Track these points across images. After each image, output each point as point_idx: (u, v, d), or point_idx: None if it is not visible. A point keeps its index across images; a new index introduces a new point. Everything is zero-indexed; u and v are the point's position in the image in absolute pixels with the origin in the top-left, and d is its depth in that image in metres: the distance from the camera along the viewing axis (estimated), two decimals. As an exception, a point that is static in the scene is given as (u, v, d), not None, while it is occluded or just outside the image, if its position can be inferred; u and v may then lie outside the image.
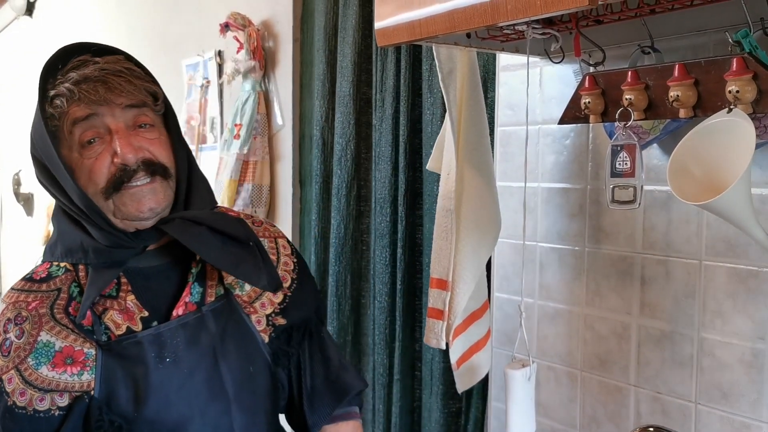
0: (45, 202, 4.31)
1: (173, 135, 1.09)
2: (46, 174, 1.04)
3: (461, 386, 1.44)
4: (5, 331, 1.02)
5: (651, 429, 1.15)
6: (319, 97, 2.16)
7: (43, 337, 1.00)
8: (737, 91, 0.91)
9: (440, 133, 1.48)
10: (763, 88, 0.91)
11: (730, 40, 0.95)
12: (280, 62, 2.33)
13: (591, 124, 1.35)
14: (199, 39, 2.77)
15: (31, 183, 4.55)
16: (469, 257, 1.35)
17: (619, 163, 1.07)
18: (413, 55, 1.83)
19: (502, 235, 1.47)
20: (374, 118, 1.98)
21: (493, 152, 1.54)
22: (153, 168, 1.02)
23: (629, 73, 1.06)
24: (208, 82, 2.68)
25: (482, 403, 1.71)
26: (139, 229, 1.04)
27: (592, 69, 1.18)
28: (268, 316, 1.12)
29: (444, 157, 1.40)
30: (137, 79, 1.03)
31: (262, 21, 2.38)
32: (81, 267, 1.05)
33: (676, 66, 1.00)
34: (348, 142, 2.04)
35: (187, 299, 1.07)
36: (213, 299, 1.09)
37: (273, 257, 1.17)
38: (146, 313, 1.04)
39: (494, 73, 1.58)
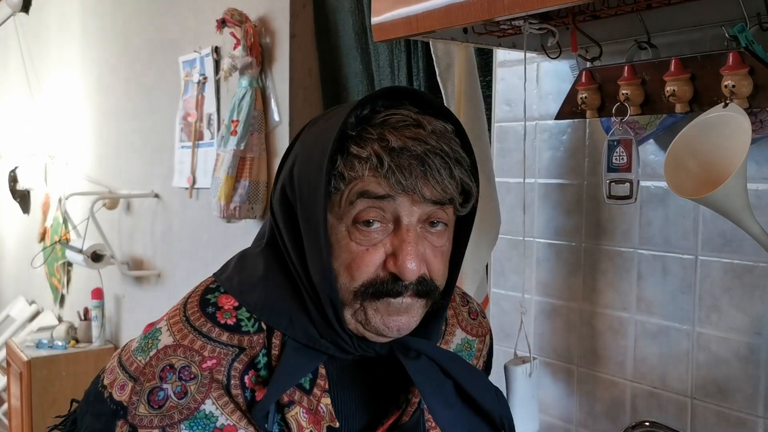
0: (41, 199, 4.31)
1: (461, 245, 0.86)
2: (289, 220, 0.82)
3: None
4: (162, 379, 0.78)
5: (647, 423, 1.16)
6: (359, 95, 2.16)
7: (208, 406, 0.78)
8: (733, 86, 0.91)
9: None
10: (759, 83, 0.91)
11: (726, 35, 0.95)
12: (277, 59, 2.33)
13: (588, 120, 1.35)
14: (195, 35, 2.77)
15: (28, 180, 4.55)
16: (470, 255, 1.35)
17: (616, 158, 1.08)
18: (428, 52, 1.85)
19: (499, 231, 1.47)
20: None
21: (490, 147, 1.54)
22: (425, 288, 0.79)
23: (626, 68, 1.06)
24: (205, 78, 2.68)
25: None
26: (366, 338, 0.82)
27: (588, 64, 1.19)
28: None
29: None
30: (459, 166, 0.78)
31: (258, 17, 2.38)
32: (276, 333, 0.81)
33: (673, 61, 1.00)
34: None
35: (388, 424, 0.86)
36: (408, 419, 0.86)
37: (475, 361, 0.99)
38: (337, 425, 0.82)
39: (491, 69, 1.58)
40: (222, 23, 2.33)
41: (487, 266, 1.57)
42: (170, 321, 0.82)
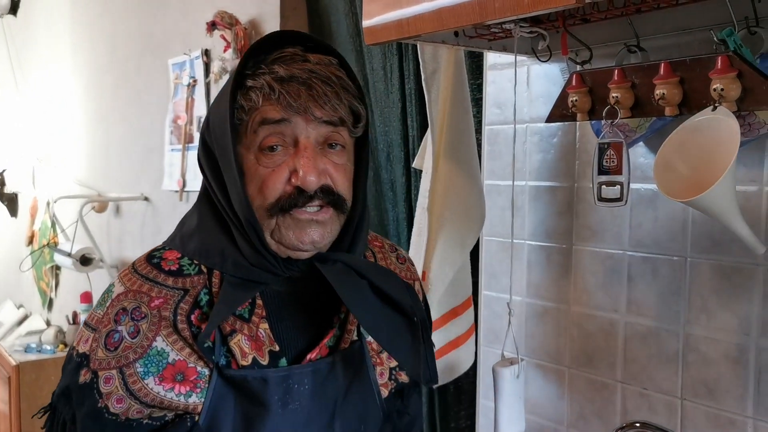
0: (28, 202, 4.28)
1: (362, 164, 0.96)
2: (210, 162, 0.93)
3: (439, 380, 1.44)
4: (116, 321, 0.88)
5: (637, 425, 1.16)
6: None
7: (159, 343, 0.87)
8: (722, 89, 0.92)
9: (427, 131, 1.48)
10: (748, 86, 0.92)
11: (714, 38, 0.96)
12: (268, 61, 2.33)
13: (578, 123, 1.36)
14: (185, 38, 2.76)
15: (16, 183, 4.52)
16: (442, 254, 1.35)
17: (606, 161, 1.08)
18: (417, 55, 1.86)
19: (489, 233, 1.48)
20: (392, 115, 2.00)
21: (480, 151, 1.55)
22: (330, 198, 0.89)
23: (616, 71, 1.07)
24: (195, 81, 2.67)
25: (471, 402, 1.72)
26: (291, 257, 0.92)
27: (579, 67, 1.19)
28: (392, 369, 1.02)
29: (426, 155, 1.40)
30: (345, 91, 0.89)
31: (249, 20, 2.38)
32: (215, 273, 0.91)
33: (662, 64, 1.01)
34: (391, 141, 2.04)
35: (324, 343, 0.95)
36: (347, 345, 0.96)
37: None
38: (277, 348, 0.91)
39: (482, 72, 1.59)
40: (212, 26, 2.33)
41: (475, 268, 1.58)
42: (121, 275, 0.93)
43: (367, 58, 2.09)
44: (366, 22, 1.21)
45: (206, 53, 2.61)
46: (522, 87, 1.46)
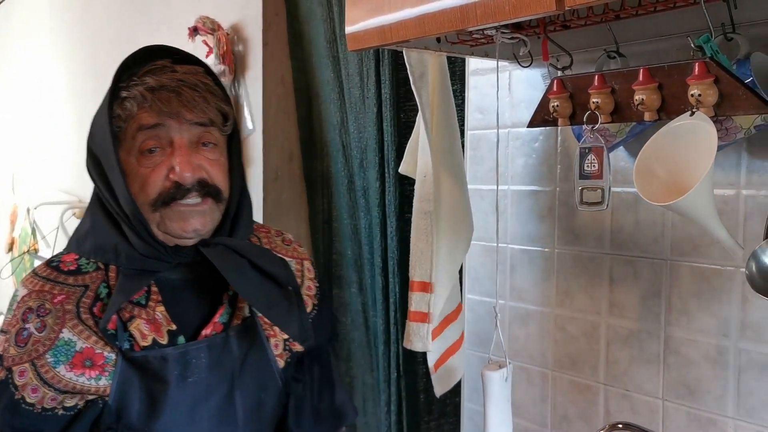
0: (8, 209, 4.23)
1: (234, 157, 1.07)
2: (97, 168, 1.02)
3: (439, 389, 1.45)
4: (24, 320, 0.97)
5: (620, 426, 1.18)
6: (332, 102, 2.16)
7: (65, 334, 0.96)
8: (699, 95, 0.94)
9: (411, 136, 1.49)
10: (724, 91, 0.93)
11: (692, 45, 0.97)
12: (250, 66, 2.33)
13: (559, 127, 1.37)
14: (167, 43, 2.74)
15: (-5, 189, 4.47)
16: (446, 259, 1.36)
17: (588, 165, 1.10)
18: (394, 60, 1.86)
19: (473, 238, 1.48)
20: (367, 120, 2.00)
21: (463, 155, 1.55)
22: (207, 189, 1.00)
23: (596, 77, 1.08)
24: (177, 86, 2.66)
25: (442, 412, 1.73)
26: (178, 245, 1.02)
27: (560, 73, 1.21)
28: (285, 340, 1.11)
29: (419, 159, 1.40)
30: (212, 95, 1.01)
31: (231, 25, 2.37)
32: (112, 268, 1.01)
33: (641, 70, 1.02)
34: (366, 145, 2.04)
35: (216, 320, 1.05)
36: (239, 322, 1.07)
37: (298, 280, 1.16)
38: (174, 327, 1.01)
39: (463, 77, 1.60)
40: (194, 31, 2.32)
41: (460, 273, 1.59)
42: (24, 281, 1.02)
43: (342, 64, 2.09)
44: (349, 28, 1.22)
45: (188, 58, 2.60)
46: (504, 92, 1.47)
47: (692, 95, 0.94)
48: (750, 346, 1.13)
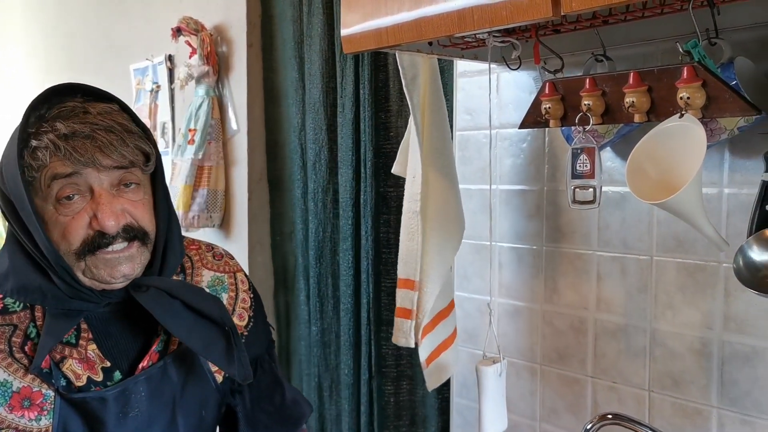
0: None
1: (159, 192, 1.03)
2: (12, 212, 0.95)
3: (431, 384, 1.48)
4: None
5: (609, 416, 1.22)
6: (294, 104, 2.17)
7: (0, 375, 0.93)
8: (688, 98, 0.98)
9: (404, 137, 1.52)
10: (712, 94, 0.98)
11: (680, 49, 1.01)
12: (234, 67, 2.34)
13: (547, 129, 1.41)
14: (147, 43, 2.74)
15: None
16: (435, 257, 1.39)
17: (580, 165, 1.13)
18: (374, 62, 1.88)
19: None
20: (337, 122, 2.02)
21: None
22: (133, 233, 0.96)
23: (587, 80, 1.12)
24: (158, 86, 2.66)
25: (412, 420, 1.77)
26: (105, 289, 0.98)
27: (547, 74, 1.24)
28: None
29: (409, 160, 1.43)
30: (130, 135, 0.94)
31: (214, 26, 2.38)
32: (38, 307, 0.97)
33: (631, 74, 1.06)
34: (321, 147, 2.06)
35: (153, 350, 1.03)
36: (175, 347, 1.05)
37: (232, 293, 1.15)
38: (108, 364, 0.99)
39: (452, 79, 1.63)
40: (177, 31, 2.32)
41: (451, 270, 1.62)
42: None
43: (306, 65, 2.10)
44: (344, 31, 1.24)
45: (170, 59, 2.60)
46: (492, 94, 1.50)
47: (681, 98, 0.99)
48: (733, 337, 1.18)
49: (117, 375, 0.99)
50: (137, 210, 0.97)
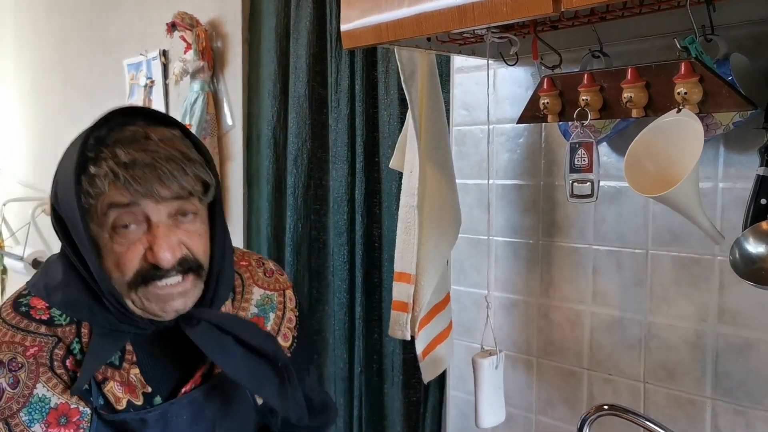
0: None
1: (216, 223, 0.99)
2: (66, 235, 0.93)
3: (427, 377, 1.49)
4: None
5: (605, 407, 1.23)
6: (270, 97, 2.18)
7: (39, 390, 0.90)
8: (685, 93, 1.00)
9: (402, 132, 1.53)
10: (709, 89, 0.99)
11: (678, 45, 1.03)
12: (230, 63, 2.34)
13: (543, 124, 1.43)
14: (141, 38, 2.74)
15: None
16: (432, 251, 1.41)
17: (578, 160, 1.15)
18: (368, 57, 1.88)
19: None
20: (330, 118, 2.02)
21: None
22: (188, 266, 0.93)
23: (585, 75, 1.14)
24: (153, 82, 2.65)
25: (439, 393, 1.77)
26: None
27: (543, 69, 1.26)
28: None
29: (406, 155, 1.45)
30: (191, 163, 0.91)
31: (209, 21, 2.38)
32: (84, 323, 0.95)
33: (629, 69, 1.07)
34: (303, 142, 2.07)
35: (197, 376, 1.00)
36: (219, 370, 1.02)
37: (279, 313, 1.14)
38: (149, 389, 0.97)
39: (449, 75, 1.64)
40: (172, 26, 2.32)
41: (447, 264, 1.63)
42: None
43: (292, 59, 2.10)
44: (344, 27, 1.25)
45: (164, 54, 2.60)
46: (489, 89, 1.52)
47: (678, 93, 1.00)
48: (727, 330, 1.20)
49: (157, 400, 0.97)
50: (193, 242, 0.94)
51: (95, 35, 3.04)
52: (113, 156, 0.88)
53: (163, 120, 0.96)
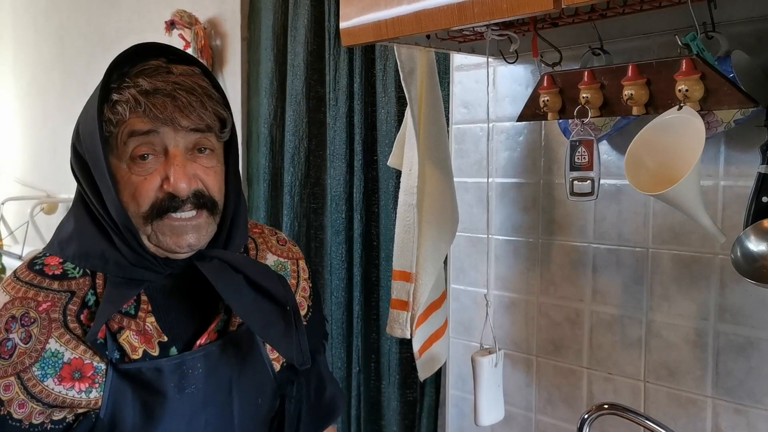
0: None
1: (231, 164, 1.01)
2: (84, 171, 0.95)
3: (423, 374, 1.49)
4: (7, 330, 0.90)
5: (606, 406, 1.23)
6: (267, 95, 2.17)
7: (52, 345, 0.91)
8: (687, 90, 0.99)
9: (400, 130, 1.52)
10: (710, 87, 0.99)
11: (679, 42, 1.02)
12: (228, 61, 2.33)
13: (543, 122, 1.42)
14: (139, 36, 2.73)
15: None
16: (430, 249, 1.40)
17: (578, 158, 1.14)
18: (367, 55, 1.87)
19: (458, 229, 1.53)
20: (328, 116, 2.01)
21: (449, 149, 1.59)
22: (202, 201, 0.94)
23: (586, 73, 1.13)
24: (151, 80, 2.64)
25: (435, 393, 1.77)
26: (169, 257, 0.97)
27: (543, 67, 1.25)
28: None
29: (405, 153, 1.44)
30: (209, 99, 0.94)
31: (208, 19, 2.37)
32: (99, 274, 0.95)
33: (630, 67, 1.07)
34: (301, 140, 2.06)
35: (212, 329, 1.01)
36: (235, 328, 1.03)
37: (293, 281, 1.14)
38: (165, 339, 0.96)
39: (448, 73, 1.64)
40: (171, 25, 2.31)
41: (445, 262, 1.63)
42: (4, 285, 0.95)
43: (290, 57, 2.09)
44: (343, 24, 1.24)
45: (163, 52, 2.59)
46: (489, 87, 1.51)
47: (680, 90, 1.00)
48: (728, 328, 1.20)
49: (173, 351, 0.97)
50: (209, 177, 0.95)
51: (94, 34, 3.04)
52: (135, 85, 0.90)
53: (185, 58, 0.98)
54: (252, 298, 0.99)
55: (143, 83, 0.90)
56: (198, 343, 0.99)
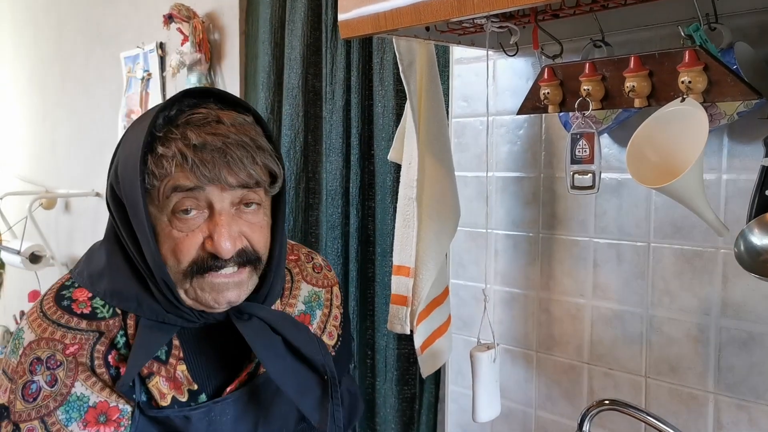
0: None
1: (279, 216, 0.96)
2: (121, 215, 0.90)
3: (425, 371, 1.48)
4: (32, 372, 0.87)
5: (607, 402, 1.21)
6: (264, 89, 2.16)
7: (78, 389, 0.87)
8: (689, 82, 0.98)
9: (400, 124, 1.51)
10: (713, 78, 0.97)
11: (682, 33, 1.01)
12: (227, 54, 2.32)
13: (544, 115, 1.41)
14: (138, 30, 2.71)
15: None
16: (431, 244, 1.39)
17: (579, 151, 1.13)
18: (364, 48, 1.86)
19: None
20: (324, 110, 2.00)
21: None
22: (246, 258, 0.90)
23: (587, 64, 1.11)
24: (150, 74, 2.63)
25: (435, 389, 1.76)
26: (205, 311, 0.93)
27: (544, 59, 1.24)
28: None
29: (405, 147, 1.43)
30: (260, 152, 0.88)
31: (206, 13, 2.36)
32: (131, 315, 0.91)
33: (632, 58, 1.05)
34: (297, 134, 2.05)
35: (243, 375, 0.98)
36: (263, 371, 0.99)
37: (326, 310, 1.11)
38: (195, 387, 0.94)
39: (448, 66, 1.62)
40: (169, 18, 2.30)
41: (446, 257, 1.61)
42: (30, 319, 0.91)
43: (287, 50, 2.08)
44: (341, 16, 1.23)
45: (161, 46, 2.57)
46: (489, 80, 1.50)
47: (683, 82, 0.98)
48: (730, 323, 1.19)
49: (202, 397, 0.94)
50: (254, 233, 0.91)
51: (92, 28, 3.02)
52: (183, 137, 0.85)
53: (235, 103, 0.92)
54: (288, 362, 0.95)
55: (192, 136, 0.84)
56: (228, 389, 0.96)
